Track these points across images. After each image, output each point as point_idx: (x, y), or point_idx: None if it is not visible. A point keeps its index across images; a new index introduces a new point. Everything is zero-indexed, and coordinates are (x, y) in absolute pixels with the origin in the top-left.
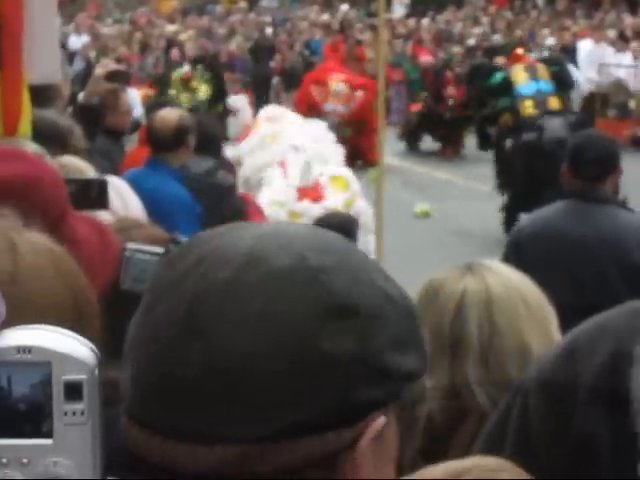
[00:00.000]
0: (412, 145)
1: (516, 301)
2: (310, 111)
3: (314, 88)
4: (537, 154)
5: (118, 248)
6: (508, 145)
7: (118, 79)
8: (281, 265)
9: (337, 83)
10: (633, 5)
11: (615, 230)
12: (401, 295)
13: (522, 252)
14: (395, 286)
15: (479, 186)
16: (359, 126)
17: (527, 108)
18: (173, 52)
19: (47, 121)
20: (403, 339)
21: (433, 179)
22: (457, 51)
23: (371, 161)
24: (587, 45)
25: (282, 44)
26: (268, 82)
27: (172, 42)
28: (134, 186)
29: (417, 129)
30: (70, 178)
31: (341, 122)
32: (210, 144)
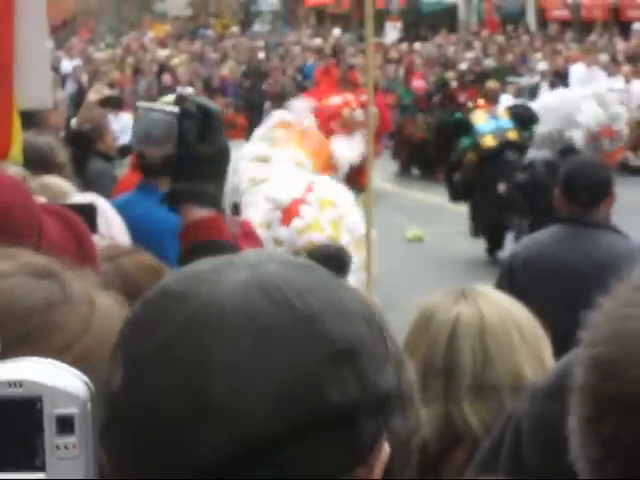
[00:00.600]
0: (404, 169)
1: (510, 328)
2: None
3: (333, 124)
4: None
5: (91, 237)
6: (502, 189)
7: (111, 105)
8: (274, 321)
9: (348, 110)
10: (625, 29)
11: (608, 255)
12: (366, 308)
13: (516, 277)
14: (358, 299)
15: None
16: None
17: (487, 142)
18: (165, 77)
19: (27, 143)
20: (382, 357)
21: (424, 203)
22: (450, 76)
23: (361, 186)
24: (579, 69)
25: (275, 68)
26: (261, 106)
27: (164, 67)
28: (125, 211)
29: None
30: (59, 204)
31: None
32: None
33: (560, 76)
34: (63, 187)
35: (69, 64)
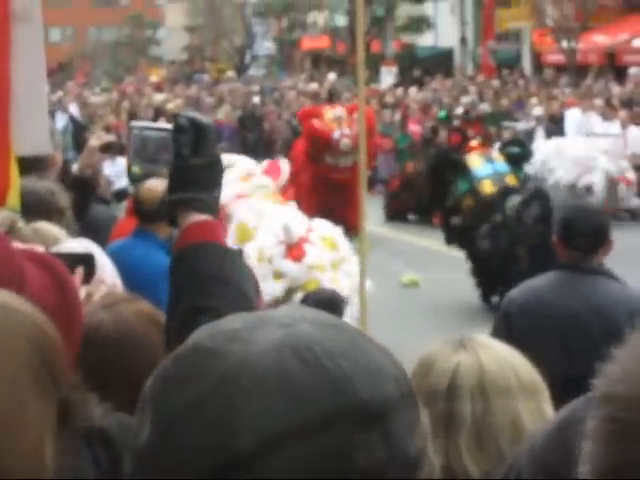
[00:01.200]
0: (399, 214)
1: (509, 377)
2: (318, 150)
3: (315, 122)
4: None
5: (76, 288)
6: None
7: (113, 151)
8: (305, 382)
9: (333, 110)
10: (620, 74)
11: (606, 301)
12: (396, 367)
13: (512, 323)
14: (388, 358)
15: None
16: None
17: (486, 187)
18: (161, 121)
19: (27, 188)
20: (412, 419)
21: (419, 248)
22: (452, 114)
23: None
24: (575, 114)
25: (270, 113)
26: (256, 151)
27: (160, 111)
28: (120, 256)
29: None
30: (56, 252)
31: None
32: None
33: (556, 121)
34: (55, 232)
35: (62, 117)
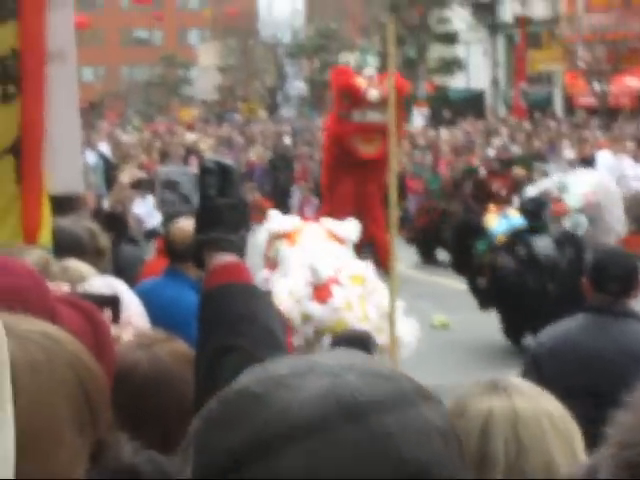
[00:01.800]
0: (427, 256)
1: (542, 419)
2: (347, 106)
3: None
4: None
5: (108, 329)
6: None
7: (143, 187)
8: (347, 437)
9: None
10: None
11: (636, 344)
12: (444, 420)
13: (542, 366)
14: (436, 410)
15: None
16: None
17: (500, 240)
18: (192, 161)
19: (62, 229)
20: (458, 474)
21: (449, 290)
22: (478, 164)
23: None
24: (606, 156)
25: (301, 154)
26: (287, 191)
27: (191, 150)
28: (152, 296)
29: (429, 241)
30: (84, 293)
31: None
32: None
33: (587, 163)
34: (82, 270)
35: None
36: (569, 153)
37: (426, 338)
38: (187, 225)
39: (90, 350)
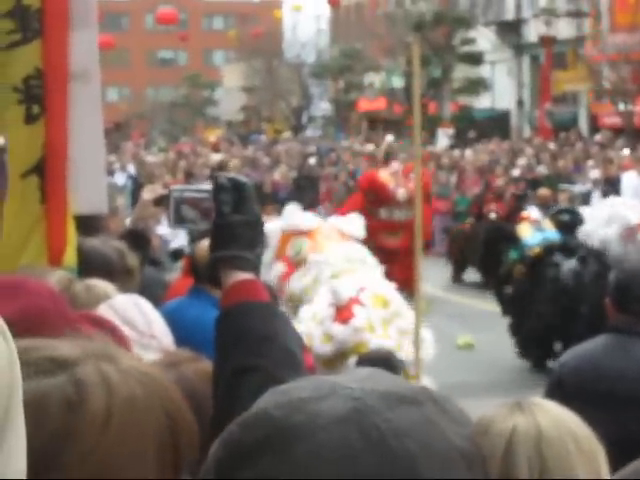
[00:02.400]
0: (456, 277)
1: (566, 439)
2: (374, 202)
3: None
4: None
5: (130, 346)
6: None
7: (165, 204)
8: (369, 461)
9: (388, 168)
10: None
11: None
12: (469, 443)
13: (565, 387)
14: (461, 434)
15: None
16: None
17: (534, 252)
18: None
19: (91, 249)
20: None
21: (476, 310)
22: (501, 184)
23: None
24: (631, 177)
25: (327, 174)
26: (312, 211)
27: (216, 171)
28: (177, 315)
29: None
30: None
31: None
32: None
33: (612, 183)
34: (107, 289)
35: (122, 175)
36: (595, 173)
37: (451, 359)
38: None
39: None
